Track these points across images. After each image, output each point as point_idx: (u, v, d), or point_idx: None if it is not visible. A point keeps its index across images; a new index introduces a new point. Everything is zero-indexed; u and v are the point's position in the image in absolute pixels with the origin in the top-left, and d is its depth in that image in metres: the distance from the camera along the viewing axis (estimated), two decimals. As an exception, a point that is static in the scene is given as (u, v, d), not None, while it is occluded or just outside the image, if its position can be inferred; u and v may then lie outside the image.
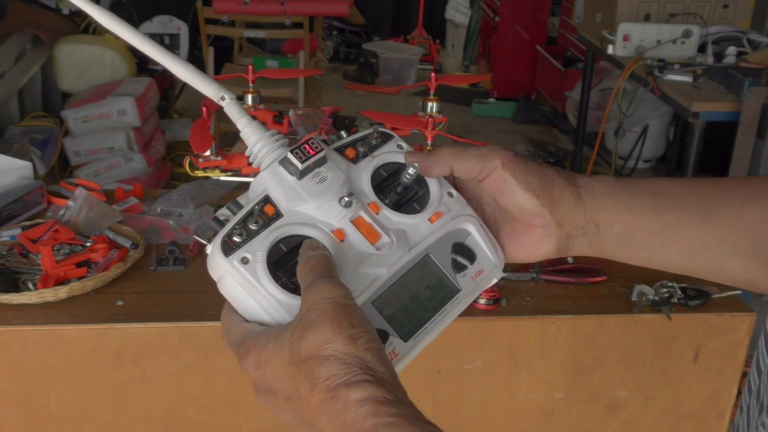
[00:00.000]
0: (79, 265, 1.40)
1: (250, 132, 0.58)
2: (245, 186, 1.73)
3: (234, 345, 0.53)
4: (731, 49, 2.86)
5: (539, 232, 0.60)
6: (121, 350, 1.32)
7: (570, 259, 1.52)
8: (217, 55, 4.12)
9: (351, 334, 0.48)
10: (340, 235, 0.56)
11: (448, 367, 1.38)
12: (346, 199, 0.56)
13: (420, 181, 0.61)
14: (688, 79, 2.75)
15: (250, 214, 0.55)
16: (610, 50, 3.08)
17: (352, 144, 0.61)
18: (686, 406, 1.46)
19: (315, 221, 0.56)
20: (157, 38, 4.45)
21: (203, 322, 1.32)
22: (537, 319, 1.37)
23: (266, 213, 0.55)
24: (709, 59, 2.86)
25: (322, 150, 0.56)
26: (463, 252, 0.61)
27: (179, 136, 4.11)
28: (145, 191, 1.77)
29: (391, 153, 0.62)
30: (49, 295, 1.32)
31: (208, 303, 1.36)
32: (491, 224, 0.64)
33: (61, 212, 1.57)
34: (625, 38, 2.99)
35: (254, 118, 0.59)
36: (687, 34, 2.92)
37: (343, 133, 0.62)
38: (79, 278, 1.37)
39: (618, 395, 1.45)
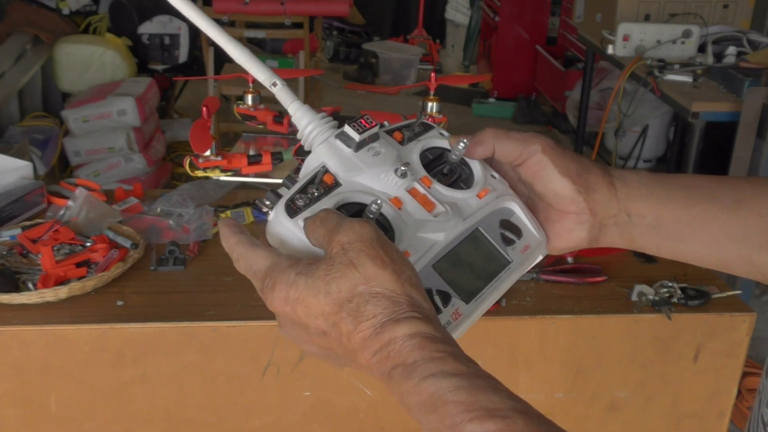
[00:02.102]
0: (79, 265, 1.40)
1: (301, 115, 0.60)
2: (245, 186, 1.74)
3: (255, 274, 0.52)
4: (731, 49, 2.86)
5: (573, 219, 0.61)
6: (121, 350, 1.32)
7: (570, 259, 1.52)
8: (217, 55, 4.11)
9: (395, 269, 0.48)
10: (397, 203, 0.57)
11: (448, 367, 1.38)
12: (402, 168, 0.58)
13: (464, 164, 0.63)
14: (688, 79, 2.75)
15: (311, 181, 0.56)
16: (610, 50, 3.08)
17: (398, 129, 0.63)
18: (686, 406, 1.46)
19: (373, 190, 0.57)
20: (157, 38, 4.45)
21: (203, 322, 1.32)
22: (537, 319, 1.37)
23: (326, 182, 0.57)
24: (709, 59, 2.86)
25: (376, 125, 0.59)
26: (510, 228, 0.63)
27: (179, 136, 4.11)
28: (145, 191, 1.77)
29: (435, 138, 0.63)
30: (49, 295, 1.32)
31: (208, 303, 1.36)
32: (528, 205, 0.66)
33: (61, 212, 1.57)
34: (625, 38, 2.99)
35: (304, 103, 0.61)
36: (687, 34, 2.92)
37: (386, 122, 0.64)
38: (79, 278, 1.37)
39: (618, 395, 1.45)
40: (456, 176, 0.63)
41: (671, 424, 1.48)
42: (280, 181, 0.59)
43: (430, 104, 1.42)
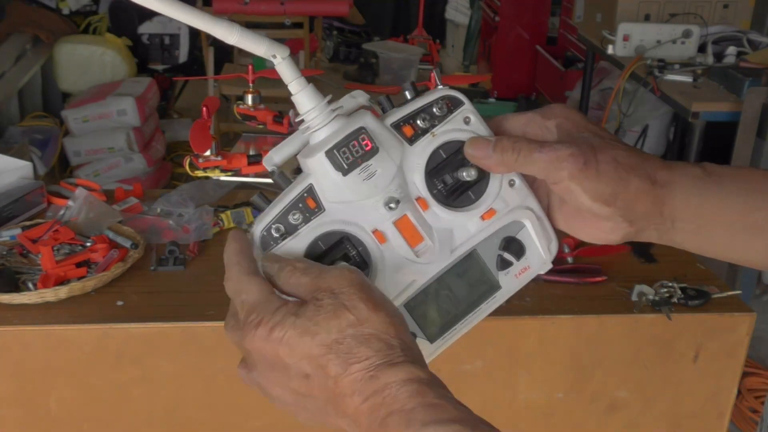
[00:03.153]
0: (79, 265, 1.40)
1: (303, 98, 0.54)
2: (245, 186, 1.73)
3: (242, 304, 0.50)
4: (731, 49, 2.86)
5: (608, 225, 0.56)
6: (121, 350, 1.32)
7: (570, 260, 1.52)
8: (217, 55, 4.12)
9: (387, 312, 0.47)
10: (381, 238, 0.54)
11: (447, 367, 1.38)
12: (392, 205, 0.53)
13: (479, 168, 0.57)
14: (688, 79, 2.75)
15: (294, 205, 0.53)
16: (610, 50, 3.08)
17: (413, 117, 0.56)
18: (686, 406, 1.46)
19: (357, 219, 0.54)
20: (157, 38, 4.45)
21: (203, 322, 1.32)
22: (537, 319, 1.37)
23: (308, 206, 0.53)
24: (709, 59, 2.86)
25: (373, 148, 0.52)
26: (512, 248, 0.58)
27: (179, 136, 4.11)
28: (145, 191, 1.77)
29: (455, 131, 0.56)
30: (49, 295, 1.32)
31: (208, 303, 1.36)
32: (555, 196, 0.60)
33: (61, 212, 1.57)
34: (625, 38, 2.99)
35: (309, 82, 0.54)
36: (687, 34, 2.92)
37: (407, 93, 0.57)
38: (79, 278, 1.37)
39: (618, 395, 1.45)
40: (466, 182, 0.57)
41: (671, 424, 1.48)
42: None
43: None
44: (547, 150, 0.53)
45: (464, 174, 0.56)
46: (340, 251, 0.54)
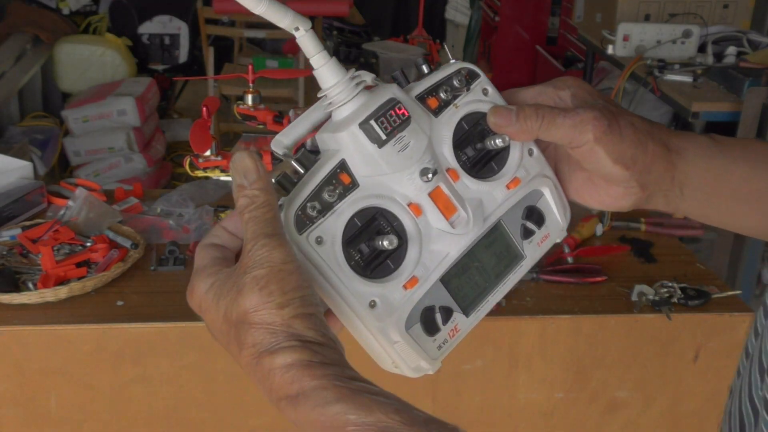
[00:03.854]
0: (79, 265, 1.40)
1: (327, 72, 0.52)
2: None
3: (194, 269, 0.52)
4: (731, 49, 2.85)
5: (620, 191, 0.58)
6: (121, 350, 1.32)
7: (570, 259, 1.52)
8: (217, 55, 4.12)
9: (280, 302, 0.47)
10: (416, 210, 0.53)
11: (448, 367, 1.38)
12: (430, 175, 0.53)
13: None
14: (688, 79, 2.75)
15: (327, 182, 0.51)
16: (610, 50, 3.08)
17: (436, 89, 0.56)
18: (686, 406, 1.46)
19: (393, 192, 0.53)
20: (157, 38, 4.45)
21: (203, 322, 1.32)
22: (537, 319, 1.37)
23: (342, 182, 0.51)
24: (709, 59, 2.85)
25: (408, 118, 0.52)
26: (534, 216, 0.59)
27: (179, 136, 4.11)
28: (145, 191, 1.77)
29: (476, 102, 0.57)
30: (49, 295, 1.32)
31: (208, 303, 1.36)
32: (564, 165, 0.61)
33: (61, 212, 1.57)
34: (625, 38, 2.99)
35: (333, 56, 0.53)
36: (687, 34, 2.91)
37: (424, 67, 0.57)
38: (79, 278, 1.37)
39: (618, 395, 1.45)
40: (489, 151, 0.58)
41: (671, 424, 1.48)
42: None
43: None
44: (571, 115, 0.54)
45: (490, 143, 0.57)
46: (375, 227, 0.53)
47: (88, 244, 1.45)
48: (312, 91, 4.44)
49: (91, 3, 4.49)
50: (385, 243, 0.51)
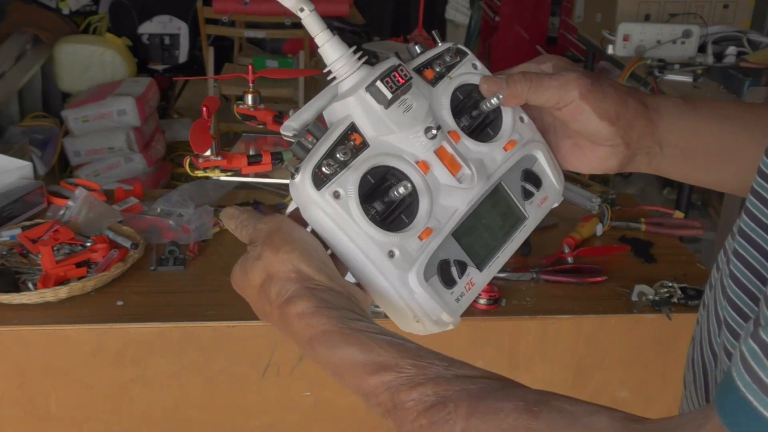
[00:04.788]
0: (79, 265, 1.40)
1: (330, 48, 0.57)
2: (245, 186, 1.74)
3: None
4: (731, 49, 2.85)
5: (606, 150, 0.62)
6: (121, 350, 1.32)
7: (570, 260, 1.52)
8: (217, 55, 4.11)
9: (287, 249, 0.53)
10: (424, 167, 0.57)
11: (448, 367, 1.38)
12: (433, 131, 0.57)
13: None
14: (688, 79, 2.75)
15: (339, 143, 0.55)
16: (610, 50, 3.08)
17: (430, 64, 0.61)
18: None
19: (401, 151, 0.57)
20: (157, 38, 4.45)
21: (203, 322, 1.32)
22: (537, 319, 1.37)
23: (353, 142, 0.56)
24: (709, 59, 2.85)
25: (410, 78, 0.57)
26: (531, 179, 0.64)
27: (179, 136, 4.11)
28: (145, 191, 1.77)
29: (468, 74, 0.62)
30: (49, 295, 1.32)
31: (208, 303, 1.36)
32: (552, 134, 0.65)
33: (61, 212, 1.57)
34: (625, 38, 2.99)
35: (335, 33, 0.58)
36: (687, 34, 2.91)
37: (417, 48, 0.62)
38: (79, 278, 1.37)
39: (618, 395, 1.45)
40: (484, 119, 0.62)
41: (671, 424, 1.47)
42: (280, 181, 0.59)
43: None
44: (556, 77, 0.59)
45: (485, 105, 0.61)
46: (388, 186, 0.56)
47: (88, 244, 1.45)
48: (312, 91, 4.44)
49: (91, 3, 4.48)
50: (401, 190, 0.55)
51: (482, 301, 1.36)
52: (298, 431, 1.42)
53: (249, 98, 1.46)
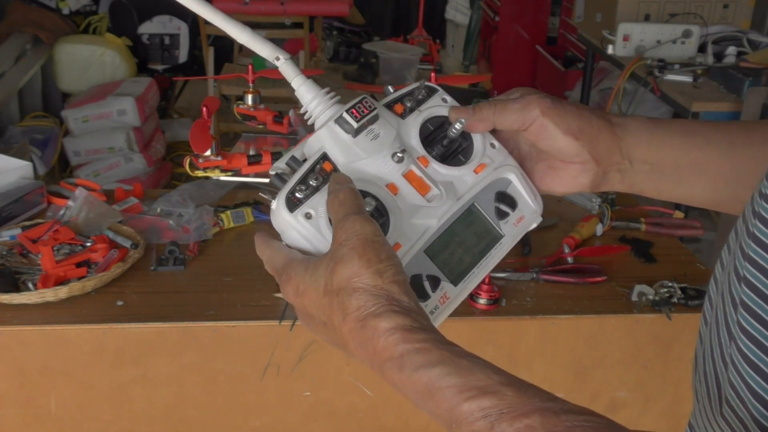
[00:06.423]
0: (79, 265, 1.40)
1: (305, 91, 0.61)
2: (245, 186, 1.73)
3: (277, 271, 0.57)
4: (731, 49, 2.85)
5: (577, 168, 0.64)
6: (121, 350, 1.32)
7: (570, 259, 1.52)
8: (217, 55, 4.11)
9: (378, 268, 0.51)
10: (393, 189, 0.60)
11: (448, 367, 1.38)
12: (399, 155, 0.60)
13: (464, 134, 0.65)
14: (688, 79, 2.75)
15: (311, 170, 0.58)
16: (610, 50, 3.08)
17: (400, 99, 0.65)
18: (686, 406, 1.46)
19: (370, 176, 0.60)
20: (157, 38, 4.45)
21: (203, 322, 1.32)
22: (537, 319, 1.37)
23: (325, 170, 0.59)
24: (709, 59, 2.85)
25: (375, 108, 0.60)
26: (506, 200, 0.66)
27: (179, 136, 4.11)
28: (145, 191, 1.77)
29: (437, 107, 0.65)
30: (49, 295, 1.32)
31: (208, 303, 1.36)
32: (528, 161, 0.68)
33: (61, 212, 1.57)
34: (625, 38, 2.99)
35: (309, 77, 0.62)
36: (687, 34, 2.91)
37: (390, 87, 0.66)
38: (79, 278, 1.37)
39: (618, 395, 1.45)
40: (456, 147, 0.65)
41: (671, 424, 1.48)
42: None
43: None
44: (519, 100, 0.63)
45: (452, 131, 0.63)
46: None
47: (88, 244, 1.45)
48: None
49: (91, 3, 4.49)
50: (366, 208, 0.56)
51: (482, 301, 1.36)
52: (298, 431, 1.42)
53: (249, 98, 1.46)
